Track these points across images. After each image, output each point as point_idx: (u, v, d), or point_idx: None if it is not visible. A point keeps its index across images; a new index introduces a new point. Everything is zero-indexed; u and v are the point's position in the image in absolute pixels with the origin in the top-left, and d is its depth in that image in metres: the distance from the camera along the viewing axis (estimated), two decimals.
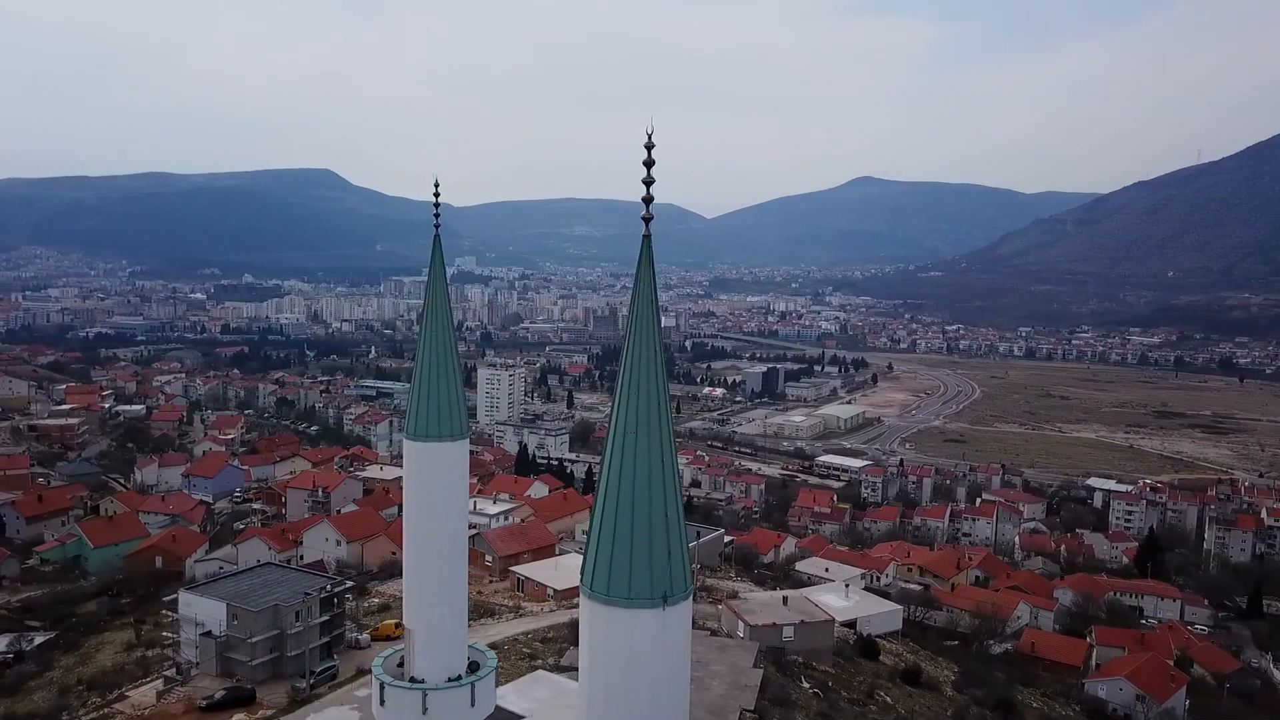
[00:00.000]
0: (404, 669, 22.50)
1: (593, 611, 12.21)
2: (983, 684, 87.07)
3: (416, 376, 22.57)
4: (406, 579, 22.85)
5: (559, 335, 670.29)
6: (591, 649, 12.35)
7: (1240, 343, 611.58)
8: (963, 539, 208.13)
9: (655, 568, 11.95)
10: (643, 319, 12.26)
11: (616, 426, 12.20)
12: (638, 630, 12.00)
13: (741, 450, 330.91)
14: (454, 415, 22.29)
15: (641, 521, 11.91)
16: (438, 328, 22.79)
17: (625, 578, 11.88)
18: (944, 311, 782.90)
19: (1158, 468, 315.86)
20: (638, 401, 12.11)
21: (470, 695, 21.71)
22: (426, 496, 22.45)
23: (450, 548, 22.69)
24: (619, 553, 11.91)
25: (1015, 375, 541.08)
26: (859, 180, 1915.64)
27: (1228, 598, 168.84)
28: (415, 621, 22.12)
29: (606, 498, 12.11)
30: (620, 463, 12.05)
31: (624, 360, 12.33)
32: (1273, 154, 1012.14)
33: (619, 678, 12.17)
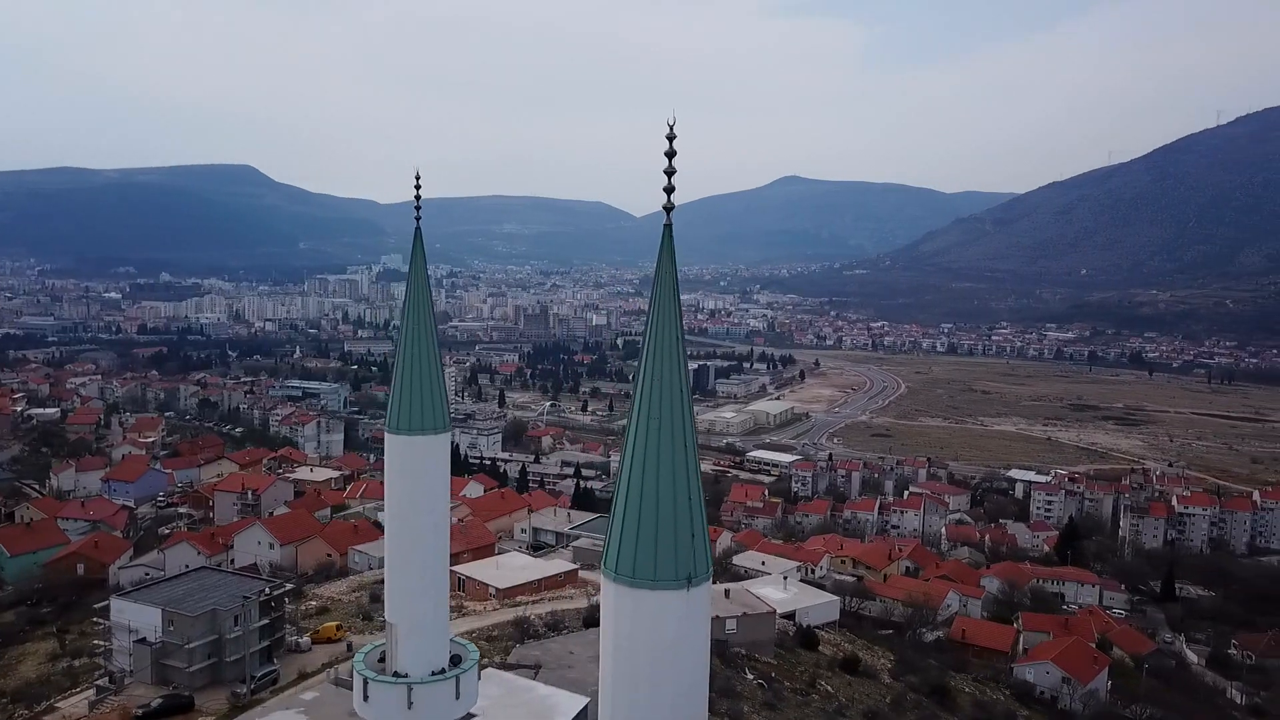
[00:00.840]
0: (385, 664, 22.43)
1: (617, 594, 12.48)
2: (918, 671, 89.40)
3: (398, 370, 22.50)
4: (389, 574, 22.77)
5: (489, 334, 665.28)
6: (615, 631, 12.61)
7: (1149, 338, 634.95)
8: (891, 531, 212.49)
9: (679, 550, 12.29)
10: (664, 307, 12.58)
11: (640, 413, 12.49)
12: (663, 611, 12.33)
13: None
14: (436, 408, 22.31)
15: (666, 505, 12.24)
16: (419, 321, 22.76)
17: (651, 560, 12.19)
18: (869, 309, 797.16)
19: (1074, 459, 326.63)
20: (661, 389, 12.43)
21: (455, 688, 21.78)
22: (408, 490, 22.39)
23: (433, 541, 22.68)
24: (644, 536, 12.22)
25: (938, 370, 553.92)
26: (785, 179, 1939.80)
27: (1142, 582, 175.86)
28: (398, 616, 22.07)
29: (630, 482, 12.39)
30: (644, 449, 12.35)
31: (645, 348, 12.63)
32: (1178, 156, 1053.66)
33: (644, 659, 12.45)
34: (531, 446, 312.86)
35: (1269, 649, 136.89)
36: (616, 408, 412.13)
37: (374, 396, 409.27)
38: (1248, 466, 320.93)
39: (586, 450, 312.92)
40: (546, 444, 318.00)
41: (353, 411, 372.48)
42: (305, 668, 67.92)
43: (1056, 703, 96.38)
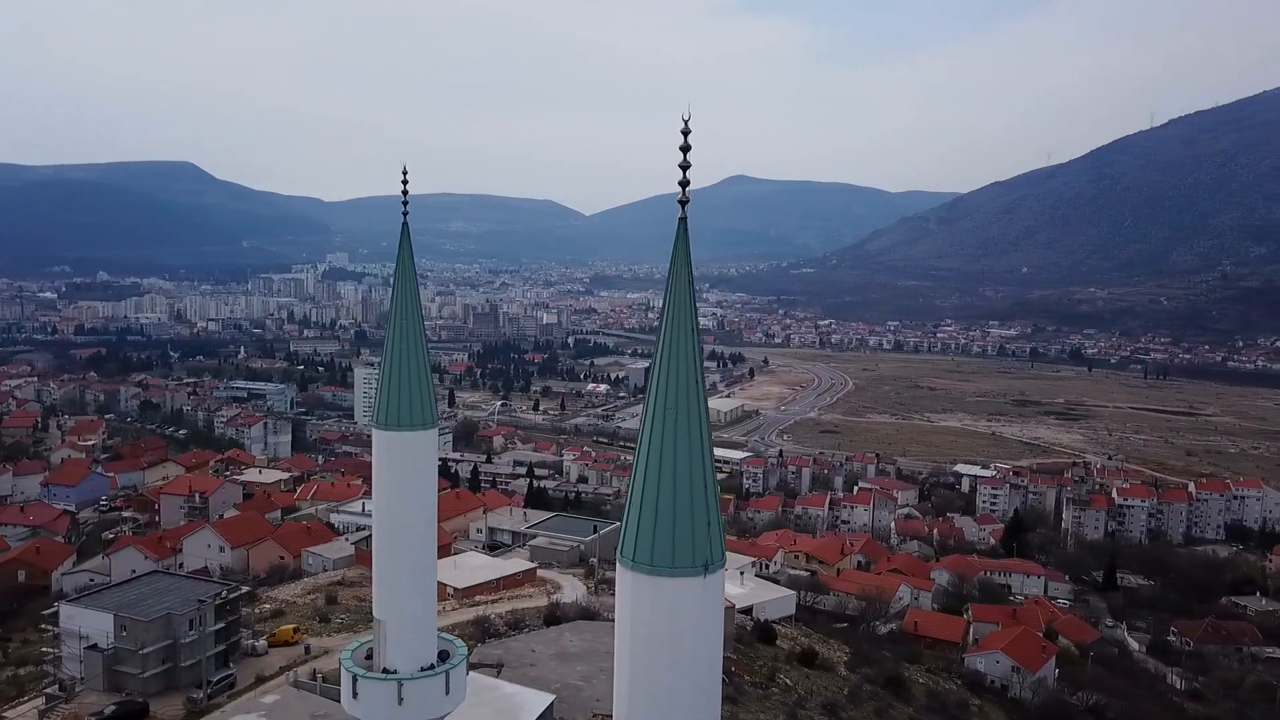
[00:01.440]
0: (373, 661, 22.39)
1: (634, 582, 12.71)
2: (873, 663, 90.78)
3: (386, 366, 22.47)
4: (377, 570, 22.72)
5: (437, 333, 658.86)
6: (633, 619, 12.83)
7: (1088, 334, 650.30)
8: (842, 526, 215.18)
9: (696, 538, 12.59)
10: (679, 299, 12.85)
11: (655, 404, 12.74)
12: (681, 598, 12.61)
13: (627, 445, 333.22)
14: (423, 404, 22.31)
15: (683, 494, 12.52)
16: (406, 317, 22.76)
17: (668, 548, 12.46)
18: (816, 307, 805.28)
19: (1018, 453, 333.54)
20: (676, 379, 12.70)
21: (445, 683, 21.84)
22: (397, 486, 22.35)
23: (421, 537, 22.69)
24: (661, 524, 12.49)
25: (885, 368, 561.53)
26: (733, 179, 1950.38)
27: (1085, 573, 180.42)
28: (387, 612, 22.03)
29: (648, 472, 12.64)
30: (661, 438, 12.60)
31: (661, 339, 12.88)
32: (1114, 158, 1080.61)
33: (662, 646, 12.72)
34: (483, 446, 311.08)
35: (1206, 636, 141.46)
36: (568, 406, 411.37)
37: (321, 397, 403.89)
38: (1182, 459, 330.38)
39: (539, 450, 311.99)
40: (498, 444, 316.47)
41: (300, 412, 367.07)
42: (263, 671, 67.03)
43: (1007, 691, 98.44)
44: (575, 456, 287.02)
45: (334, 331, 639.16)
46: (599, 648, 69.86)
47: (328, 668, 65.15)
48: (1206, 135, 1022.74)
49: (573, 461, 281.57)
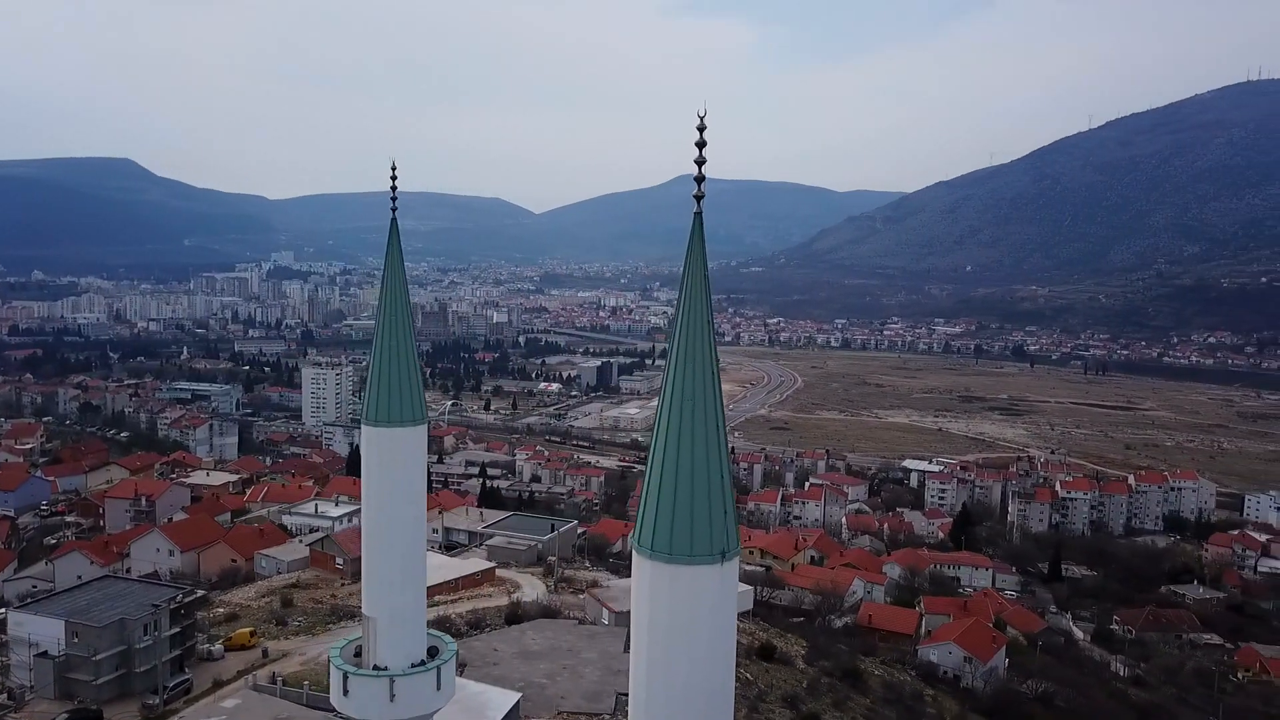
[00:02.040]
0: (361, 659, 22.34)
1: (653, 571, 12.96)
2: (830, 656, 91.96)
3: (375, 361, 22.46)
4: (366, 567, 22.66)
5: None
6: (651, 608, 13.07)
7: (1030, 331, 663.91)
8: (794, 521, 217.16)
9: (714, 526, 12.89)
10: (695, 293, 13.16)
11: (673, 395, 13.00)
12: (699, 586, 12.89)
13: (579, 444, 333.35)
14: (413, 400, 22.32)
15: (700, 483, 12.82)
16: (395, 312, 22.77)
17: (687, 536, 12.74)
18: (765, 305, 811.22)
19: (964, 448, 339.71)
20: (693, 371, 12.99)
21: (436, 679, 21.89)
22: (387, 482, 22.32)
23: (411, 533, 22.70)
24: (680, 513, 12.76)
25: (833, 365, 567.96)
26: (683, 178, 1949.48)
27: (1031, 564, 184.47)
28: (377, 609, 21.99)
29: (665, 462, 12.89)
30: (679, 429, 12.86)
31: (677, 332, 13.16)
32: (1054, 158, 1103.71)
33: (681, 634, 13.00)
34: (434, 446, 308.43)
35: (1146, 624, 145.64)
36: (520, 406, 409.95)
37: (268, 398, 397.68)
38: (1121, 452, 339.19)
39: (491, 450, 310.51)
40: (449, 444, 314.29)
41: (246, 413, 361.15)
42: (220, 676, 66.00)
43: (959, 681, 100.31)
44: (528, 456, 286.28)
45: (280, 331, 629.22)
46: (561, 646, 70.00)
47: (287, 671, 64.44)
48: (1142, 137, 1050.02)
49: (526, 461, 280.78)
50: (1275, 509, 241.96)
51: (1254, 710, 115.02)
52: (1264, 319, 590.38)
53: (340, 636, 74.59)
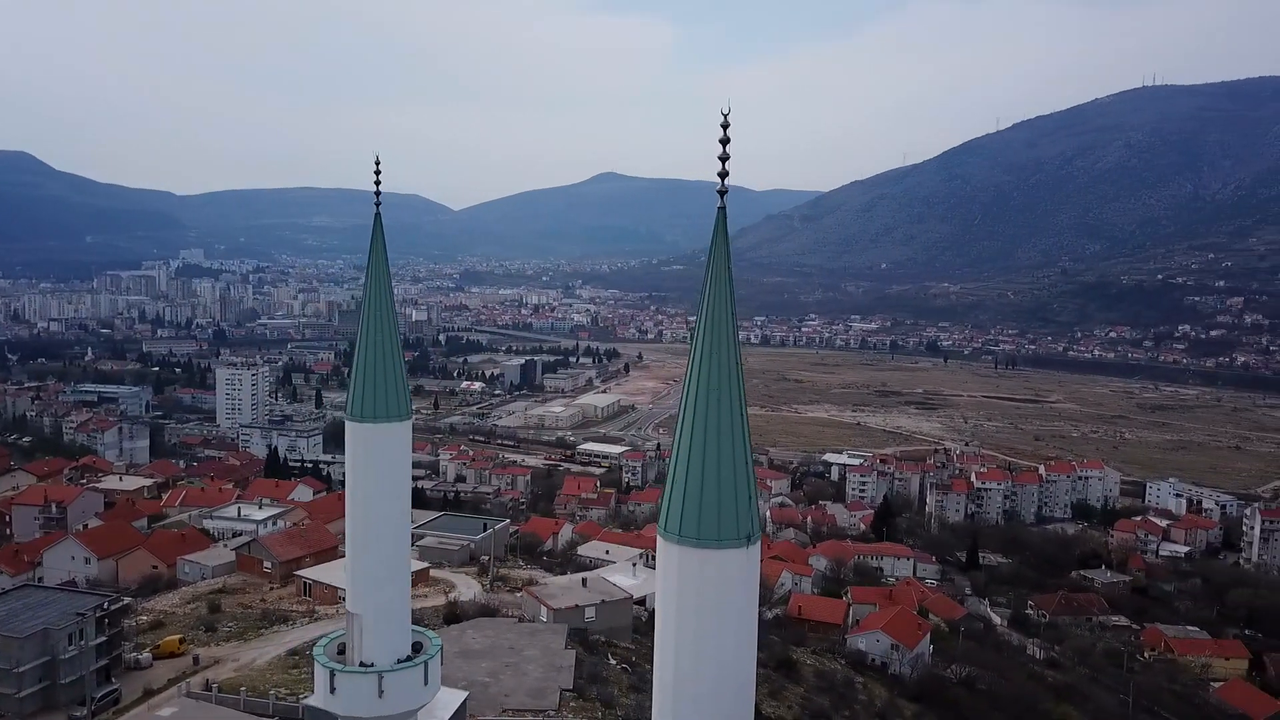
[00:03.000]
0: (346, 656, 22.21)
1: (681, 555, 13.36)
2: (763, 647, 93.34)
3: (359, 357, 22.33)
4: (351, 564, 22.52)
5: (301, 331, 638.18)
6: (680, 591, 13.49)
7: (943, 327, 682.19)
8: None
9: (740, 511, 13.37)
10: (718, 286, 13.59)
11: (699, 385, 13.40)
12: (728, 569, 13.36)
13: (504, 443, 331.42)
14: (398, 395, 22.27)
15: (727, 469, 13.28)
16: (379, 309, 22.66)
17: (715, 521, 13.18)
18: (686, 303, 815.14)
19: (882, 442, 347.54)
20: (717, 362, 13.44)
21: (424, 674, 21.90)
22: (372, 478, 22.23)
23: (396, 529, 22.65)
24: (708, 499, 13.19)
25: (754, 361, 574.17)
26: (603, 175, 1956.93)
27: (949, 553, 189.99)
28: (362, 606, 21.89)
29: (692, 449, 13.30)
30: (705, 417, 13.29)
31: (701, 324, 13.60)
32: (964, 159, 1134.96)
33: (710, 616, 13.45)
34: None
35: (1059, 608, 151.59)
36: (442, 405, 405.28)
37: (179, 399, 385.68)
38: (1031, 444, 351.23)
39: (413, 450, 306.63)
40: None
41: (157, 416, 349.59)
42: (150, 685, 64.15)
43: (887, 668, 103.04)
44: (452, 456, 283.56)
45: (190, 331, 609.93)
46: (502, 644, 69.85)
47: (221, 677, 62.99)
48: (1046, 139, 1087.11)
49: (450, 461, 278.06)
50: (1174, 495, 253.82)
51: (1161, 688, 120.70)
52: (1160, 314, 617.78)
53: (273, 641, 73.26)
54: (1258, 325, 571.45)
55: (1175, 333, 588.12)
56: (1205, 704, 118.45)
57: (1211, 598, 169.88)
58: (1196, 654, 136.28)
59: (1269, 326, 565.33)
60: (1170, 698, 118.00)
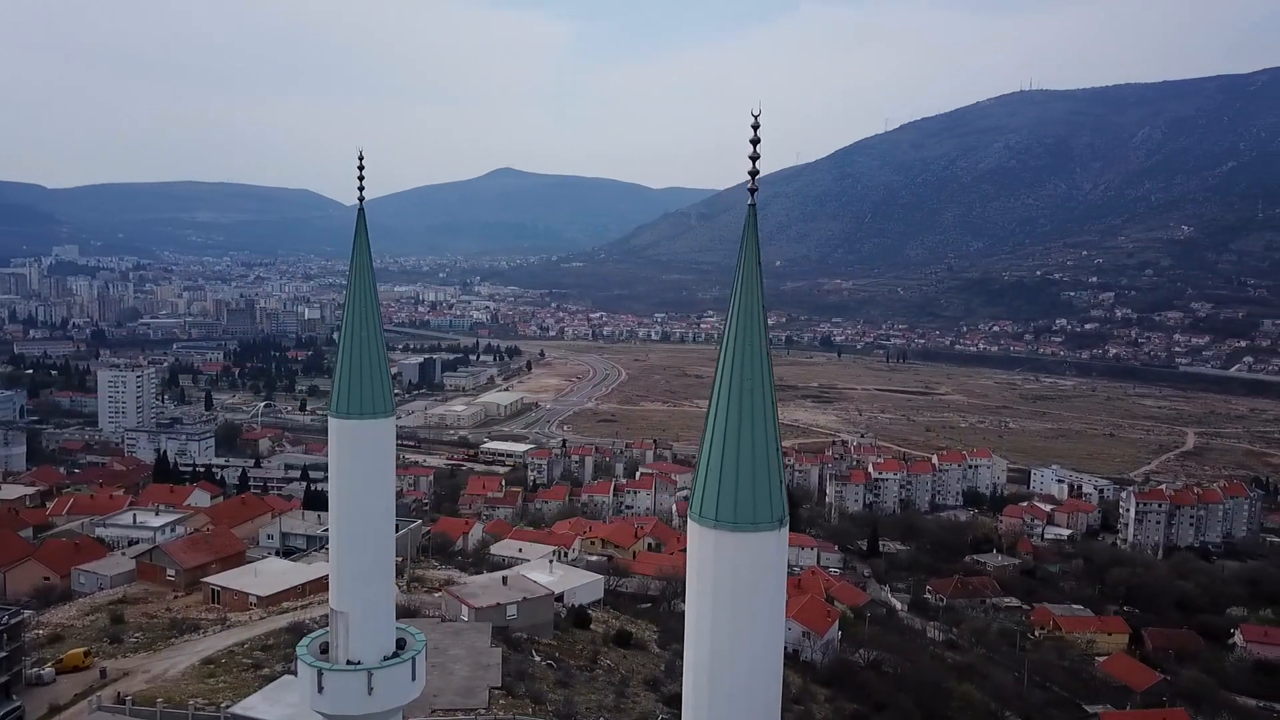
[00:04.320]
0: (330, 655, 22.04)
1: (718, 540, 13.96)
2: (680, 639, 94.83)
3: (342, 352, 22.15)
4: (336, 562, 22.28)
5: (187, 331, 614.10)
6: (716, 575, 14.07)
7: (836, 323, 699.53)
8: (626, 510, 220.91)
9: (773, 495, 14.05)
10: (749, 280, 14.20)
11: (732, 376, 14.03)
12: (763, 551, 14.01)
13: (405, 443, 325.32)
14: (382, 391, 22.21)
15: (760, 456, 13.95)
16: (363, 303, 22.48)
17: (750, 504, 13.84)
18: (587, 300, 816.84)
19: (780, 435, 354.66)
20: (750, 351, 14.11)
21: (411, 669, 21.92)
22: (356, 475, 22.04)
23: (381, 526, 22.53)
24: (743, 484, 13.83)
25: (655, 358, 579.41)
26: (500, 172, 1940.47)
27: (850, 542, 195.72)
28: (348, 604, 21.70)
29: (727, 437, 13.94)
30: (740, 407, 13.94)
31: (734, 318, 14.21)
32: (854, 158, 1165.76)
33: (747, 596, 14.07)
34: (248, 450, 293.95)
35: (955, 592, 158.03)
36: None
37: (57, 403, 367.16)
38: (922, 434, 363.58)
39: (311, 451, 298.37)
40: (265, 447, 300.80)
41: (33, 420, 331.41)
42: (55, 700, 61.39)
43: (799, 655, 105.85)
44: None
45: (66, 331, 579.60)
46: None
47: (133, 689, 60.74)
48: (932, 140, 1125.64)
49: None
50: (1056, 481, 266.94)
51: (1051, 664, 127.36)
52: (1038, 308, 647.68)
53: (185, 651, 70.97)
54: (1127, 319, 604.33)
55: (1053, 327, 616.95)
56: (1091, 677, 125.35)
57: (1093, 577, 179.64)
58: (1082, 631, 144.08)
59: (1137, 320, 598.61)
60: (1060, 673, 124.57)
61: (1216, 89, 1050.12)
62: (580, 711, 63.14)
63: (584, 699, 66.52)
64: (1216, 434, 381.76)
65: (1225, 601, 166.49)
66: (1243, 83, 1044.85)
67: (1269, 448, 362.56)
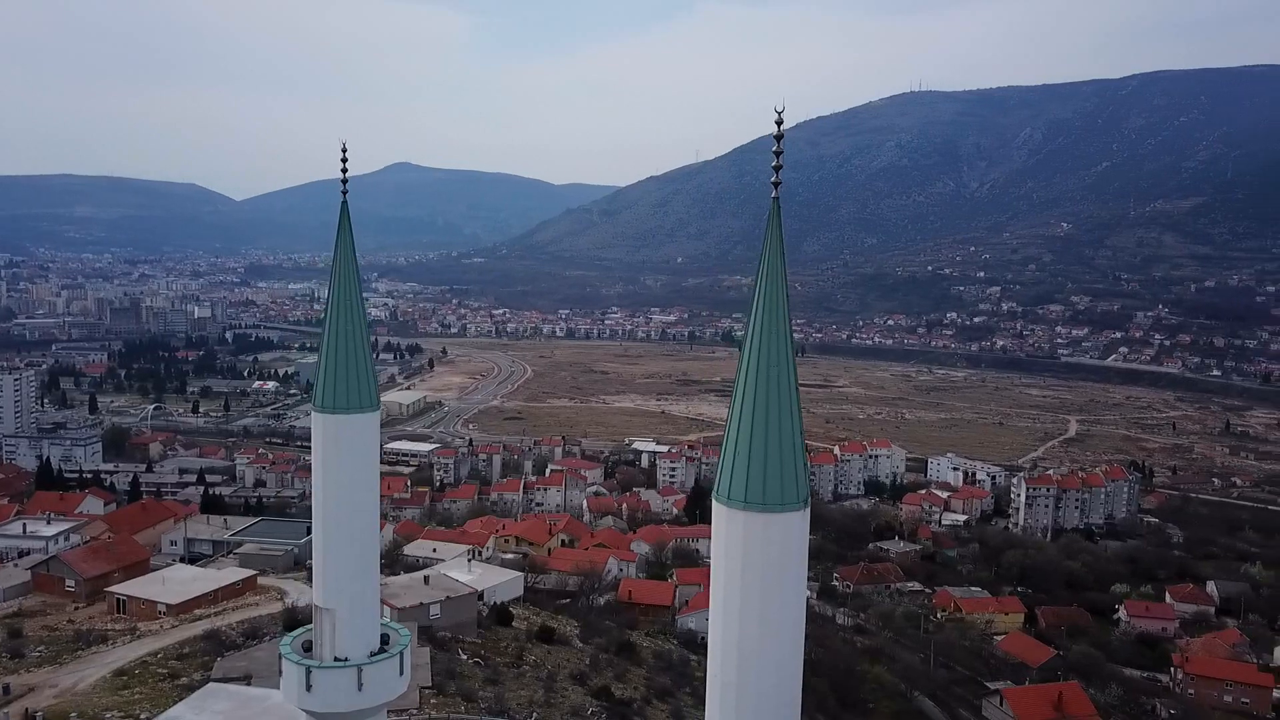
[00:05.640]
0: (315, 652, 21.77)
1: (747, 521, 14.49)
2: (601, 633, 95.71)
3: (326, 346, 21.84)
4: (321, 558, 21.94)
5: (67, 331, 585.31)
6: (746, 554, 14.60)
7: (736, 318, 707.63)
8: (536, 508, 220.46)
9: (799, 476, 14.66)
10: (773, 269, 14.77)
11: (759, 363, 14.58)
12: (790, 530, 14.61)
13: (305, 445, 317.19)
14: (366, 385, 22.00)
15: (786, 439, 14.54)
16: (347, 296, 22.20)
17: (778, 485, 14.42)
18: (489, 296, 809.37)
19: (686, 429, 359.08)
20: (775, 341, 14.67)
21: (399, 665, 21.83)
22: (341, 471, 21.79)
23: (366, 521, 22.33)
24: (771, 467, 14.40)
25: (560, 354, 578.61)
26: (397, 166, 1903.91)
27: None
28: (335, 600, 21.42)
29: (755, 421, 14.50)
30: (767, 393, 14.50)
31: (759, 307, 14.76)
32: (752, 156, 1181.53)
33: (775, 575, 14.65)
34: (138, 455, 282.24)
35: (861, 578, 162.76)
36: (233, 407, 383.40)
37: None
38: (823, 426, 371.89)
39: (205, 455, 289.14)
40: (155, 451, 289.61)
41: None
42: None
43: None
44: (250, 460, 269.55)
45: None
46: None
47: (43, 705, 57.98)
48: (827, 138, 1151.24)
49: (248, 465, 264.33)
50: (952, 469, 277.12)
51: (954, 644, 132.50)
52: (930, 303, 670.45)
53: (93, 663, 68.21)
54: (1013, 312, 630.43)
55: (944, 320, 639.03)
56: (991, 655, 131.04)
57: (989, 560, 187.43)
58: (981, 611, 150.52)
59: (1022, 313, 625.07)
60: (962, 652, 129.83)
61: (1091, 92, 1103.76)
62: (512, 708, 63.11)
63: (514, 695, 66.48)
64: (1096, 421, 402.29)
65: (1109, 579, 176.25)
66: (1115, 87, 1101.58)
67: (1143, 433, 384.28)
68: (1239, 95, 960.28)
